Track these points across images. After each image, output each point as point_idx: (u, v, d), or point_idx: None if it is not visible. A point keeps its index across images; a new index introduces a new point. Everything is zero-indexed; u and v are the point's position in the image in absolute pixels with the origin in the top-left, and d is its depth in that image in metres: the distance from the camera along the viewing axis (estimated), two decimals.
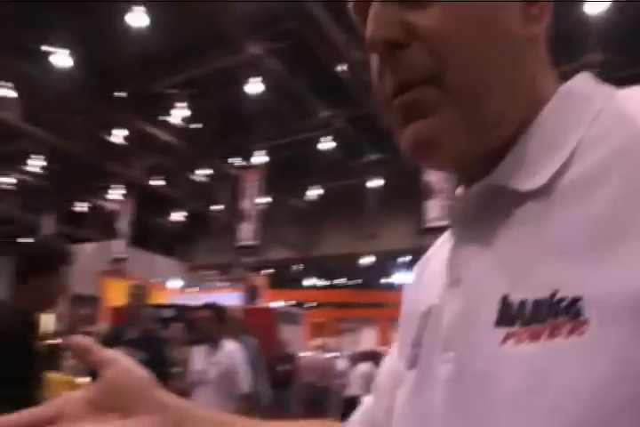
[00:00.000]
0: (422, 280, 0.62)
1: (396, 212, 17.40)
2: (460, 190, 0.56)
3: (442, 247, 0.59)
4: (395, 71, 0.49)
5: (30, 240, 2.48)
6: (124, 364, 0.55)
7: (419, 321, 0.56)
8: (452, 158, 0.50)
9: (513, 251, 0.47)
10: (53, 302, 2.10)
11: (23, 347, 1.93)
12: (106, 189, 17.82)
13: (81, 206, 19.41)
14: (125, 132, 14.86)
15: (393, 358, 0.64)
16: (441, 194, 12.11)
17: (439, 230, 0.63)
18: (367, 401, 0.68)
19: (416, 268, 0.66)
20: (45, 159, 15.79)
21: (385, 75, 0.50)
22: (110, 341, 3.45)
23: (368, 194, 17.89)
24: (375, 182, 17.59)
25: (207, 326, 4.01)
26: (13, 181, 16.62)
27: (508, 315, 0.44)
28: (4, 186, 16.34)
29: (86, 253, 16.37)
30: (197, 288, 18.00)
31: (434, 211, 12.23)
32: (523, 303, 0.43)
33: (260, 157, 16.35)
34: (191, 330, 5.14)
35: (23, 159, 15.82)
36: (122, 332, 3.78)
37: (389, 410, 0.59)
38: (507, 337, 0.43)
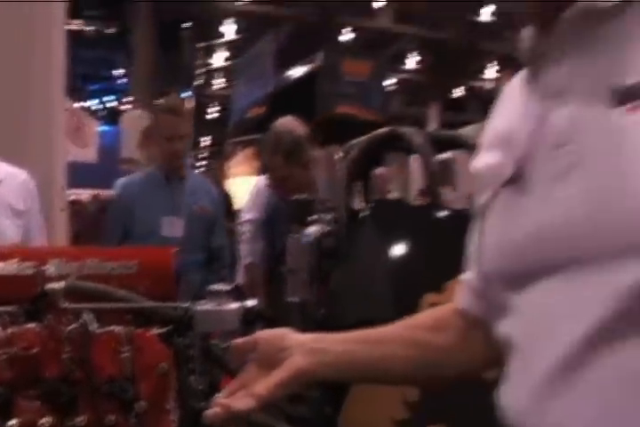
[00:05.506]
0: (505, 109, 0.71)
1: None
2: (529, 32, 0.65)
3: (514, 88, 0.69)
4: None
5: None
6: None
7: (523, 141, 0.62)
8: None
9: (612, 55, 0.56)
10: None
11: None
12: (481, 69, 17.76)
13: (460, 92, 19.25)
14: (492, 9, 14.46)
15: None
16: None
17: None
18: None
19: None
20: (419, 55, 17.05)
21: None
22: None
23: None
24: None
25: None
26: (394, 80, 16.85)
27: (626, 96, 0.53)
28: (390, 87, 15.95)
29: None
30: None
31: None
32: (635, 84, 0.53)
33: None
34: None
35: (401, 59, 16.92)
36: None
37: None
38: (630, 109, 0.52)
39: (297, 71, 8.22)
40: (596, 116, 0.55)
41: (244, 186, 4.05)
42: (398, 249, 1.46)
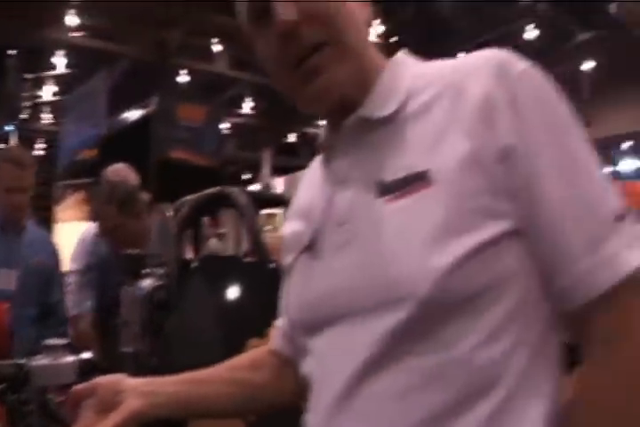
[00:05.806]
0: (302, 194, 0.88)
1: (615, 95, 14.29)
2: (326, 128, 0.83)
3: (315, 169, 0.85)
4: (300, 42, 0.71)
5: None
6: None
7: (315, 217, 0.79)
8: (338, 101, 0.74)
9: (378, 156, 0.73)
10: None
11: None
12: (315, 116, 15.11)
13: (293, 137, 19.48)
14: None
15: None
16: None
17: None
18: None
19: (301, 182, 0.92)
20: (254, 100, 17.13)
21: (289, 47, 0.71)
22: None
23: (581, 78, 14.83)
24: (588, 65, 14.47)
25: None
26: (228, 125, 17.04)
27: (385, 190, 0.70)
28: (224, 131, 15.75)
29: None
30: None
31: None
32: (392, 181, 0.70)
33: None
34: None
35: (237, 104, 17.02)
36: None
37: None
38: (387, 200, 0.69)
39: (131, 114, 8.12)
40: (367, 203, 0.71)
41: (74, 232, 3.91)
42: (225, 300, 1.61)
